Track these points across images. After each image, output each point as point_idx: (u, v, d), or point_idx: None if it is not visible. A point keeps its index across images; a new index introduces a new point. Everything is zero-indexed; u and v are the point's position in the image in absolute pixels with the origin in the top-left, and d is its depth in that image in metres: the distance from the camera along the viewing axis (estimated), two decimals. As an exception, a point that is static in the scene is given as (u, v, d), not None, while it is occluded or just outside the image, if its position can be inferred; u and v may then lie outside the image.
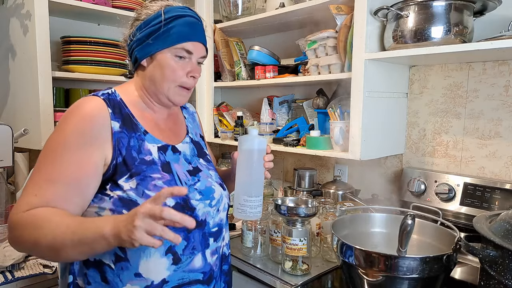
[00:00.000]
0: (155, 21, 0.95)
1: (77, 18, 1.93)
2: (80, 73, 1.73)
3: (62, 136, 0.88)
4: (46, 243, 0.80)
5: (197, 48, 0.99)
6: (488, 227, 0.93)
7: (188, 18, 0.98)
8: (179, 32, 0.95)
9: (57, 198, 0.85)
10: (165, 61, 0.96)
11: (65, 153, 0.86)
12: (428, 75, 1.53)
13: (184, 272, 0.94)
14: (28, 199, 0.84)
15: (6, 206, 1.61)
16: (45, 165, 0.87)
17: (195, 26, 0.98)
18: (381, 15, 1.34)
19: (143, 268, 0.90)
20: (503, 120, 1.35)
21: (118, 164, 0.90)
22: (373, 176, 1.73)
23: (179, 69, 0.97)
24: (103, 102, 0.92)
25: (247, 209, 0.97)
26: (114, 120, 0.92)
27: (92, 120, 0.89)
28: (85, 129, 0.88)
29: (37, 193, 0.84)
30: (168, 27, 0.95)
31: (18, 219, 0.83)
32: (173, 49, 0.96)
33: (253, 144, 0.97)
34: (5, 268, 1.26)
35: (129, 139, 0.93)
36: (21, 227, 0.83)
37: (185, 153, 1.04)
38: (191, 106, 1.23)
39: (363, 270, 1.01)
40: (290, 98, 1.94)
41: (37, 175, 0.87)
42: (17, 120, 1.71)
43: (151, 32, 0.96)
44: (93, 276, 0.90)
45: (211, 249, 1.00)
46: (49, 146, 0.89)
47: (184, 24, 0.96)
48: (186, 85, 0.99)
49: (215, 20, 2.03)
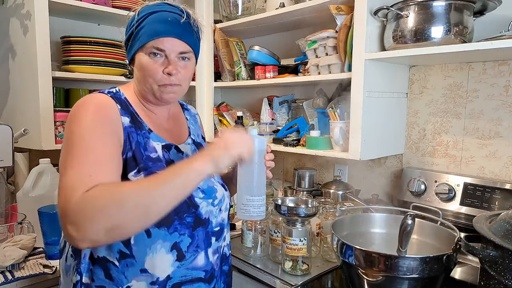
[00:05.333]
0: (132, 23, 0.96)
1: (77, 18, 1.93)
2: (80, 73, 1.73)
3: (84, 124, 0.86)
4: (134, 200, 0.77)
5: (170, 43, 0.93)
6: (488, 227, 0.93)
7: (161, 13, 0.94)
8: (148, 30, 0.93)
9: (109, 175, 0.83)
10: (141, 61, 0.95)
11: (93, 136, 0.85)
12: (428, 75, 1.53)
13: (187, 269, 0.95)
14: (84, 181, 0.79)
15: (6, 206, 1.61)
16: (81, 152, 0.83)
17: (168, 21, 0.94)
18: (381, 15, 1.34)
19: (149, 264, 0.90)
20: (503, 120, 1.35)
21: (128, 159, 0.90)
22: (373, 176, 1.73)
23: (154, 67, 0.94)
24: (111, 98, 0.94)
25: (251, 209, 0.97)
26: (124, 116, 0.93)
27: (106, 107, 0.91)
28: (103, 114, 0.89)
29: (91, 173, 0.81)
30: (140, 27, 0.94)
31: (85, 196, 0.77)
32: (145, 49, 0.94)
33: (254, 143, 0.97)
34: (5, 268, 1.26)
35: (137, 135, 0.94)
36: (94, 199, 0.77)
37: (187, 154, 1.04)
38: (193, 108, 1.24)
39: (363, 270, 1.01)
40: (290, 98, 1.94)
41: (78, 162, 0.82)
42: (17, 120, 1.71)
43: (130, 34, 0.97)
44: (97, 273, 0.91)
45: (213, 248, 1.01)
46: (73, 136, 0.86)
47: (154, 21, 0.94)
48: (165, 82, 0.95)
49: (215, 20, 2.03)
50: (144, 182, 0.84)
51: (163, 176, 0.82)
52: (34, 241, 1.37)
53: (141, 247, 0.89)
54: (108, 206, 0.76)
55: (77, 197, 0.77)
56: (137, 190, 0.79)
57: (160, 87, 0.96)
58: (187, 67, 0.98)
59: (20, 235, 1.37)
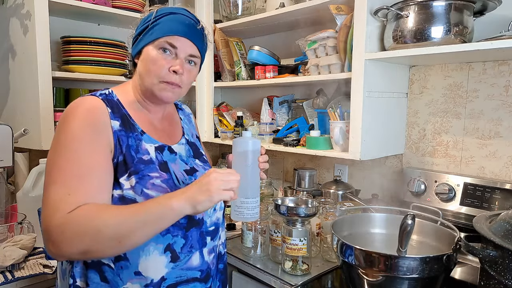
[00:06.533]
0: (147, 19, 0.97)
1: (77, 18, 1.93)
2: (80, 73, 1.73)
3: (70, 132, 0.87)
4: (110, 233, 0.80)
5: (183, 43, 0.95)
6: (488, 227, 0.93)
7: (179, 16, 0.97)
8: (164, 26, 0.95)
9: (91, 190, 0.84)
10: (148, 53, 0.95)
11: (80, 147, 0.86)
12: (428, 75, 1.53)
13: (182, 270, 0.95)
14: (65, 200, 0.82)
15: (6, 206, 1.61)
16: (65, 163, 0.85)
17: (185, 23, 0.96)
18: (381, 15, 1.34)
19: (142, 267, 0.90)
20: (503, 120, 1.35)
21: (119, 163, 0.90)
22: (373, 176, 1.73)
23: (161, 61, 0.94)
24: (102, 102, 0.93)
25: (244, 211, 0.97)
26: (114, 119, 0.93)
27: (96, 112, 0.91)
28: (91, 120, 0.89)
29: (70, 192, 0.82)
30: (157, 22, 0.95)
31: (66, 219, 0.80)
32: (157, 42, 0.95)
33: (247, 145, 0.97)
34: (5, 268, 1.26)
35: (128, 138, 0.93)
36: (73, 225, 0.80)
37: (181, 154, 1.04)
38: (187, 107, 1.24)
39: (363, 270, 1.01)
40: (290, 98, 1.94)
41: (60, 176, 0.84)
42: (17, 120, 1.71)
43: (142, 29, 0.97)
44: (93, 277, 0.90)
45: (208, 248, 1.01)
46: (59, 145, 0.87)
47: (172, 20, 0.96)
48: (168, 79, 0.95)
49: (215, 20, 2.03)
50: (123, 213, 0.83)
51: (142, 209, 0.83)
52: (34, 241, 1.37)
53: (135, 249, 0.89)
54: (85, 233, 0.80)
55: (58, 218, 0.80)
56: (115, 221, 0.81)
57: (161, 83, 0.96)
58: (191, 71, 1.00)
59: (20, 235, 1.37)
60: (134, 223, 0.81)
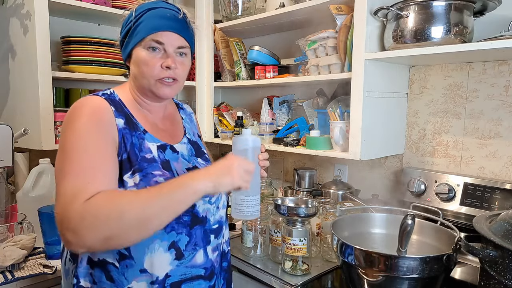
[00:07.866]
0: (129, 19, 0.97)
1: (77, 18, 1.93)
2: (80, 73, 1.73)
3: (77, 129, 0.87)
4: (134, 215, 0.78)
5: (169, 38, 0.95)
6: (488, 227, 0.93)
7: (159, 10, 0.96)
8: (147, 24, 0.95)
9: (106, 180, 0.84)
10: (139, 55, 0.96)
11: (89, 141, 0.86)
12: (428, 75, 1.53)
13: (186, 267, 0.96)
14: (83, 189, 0.80)
15: (6, 206, 1.61)
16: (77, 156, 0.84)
17: (167, 16, 0.96)
18: (381, 15, 1.34)
19: (148, 264, 0.91)
20: (503, 120, 1.35)
21: (124, 160, 0.91)
22: (373, 176, 1.73)
23: (152, 61, 0.95)
24: (106, 101, 0.94)
25: (245, 209, 0.97)
26: (118, 117, 0.94)
27: (101, 110, 0.92)
28: (97, 118, 0.90)
29: (88, 181, 0.81)
30: (138, 22, 0.95)
31: (85, 205, 0.78)
32: (143, 42, 0.95)
33: (247, 143, 0.97)
34: (5, 268, 1.26)
35: (132, 136, 0.94)
36: (94, 210, 0.77)
37: (183, 153, 1.05)
38: (189, 107, 1.24)
39: (363, 270, 1.01)
40: (290, 98, 1.94)
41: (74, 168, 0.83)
42: (17, 120, 1.71)
43: (126, 32, 0.98)
44: (99, 276, 0.91)
45: (212, 246, 1.02)
46: (68, 142, 0.87)
47: (153, 16, 0.96)
48: (163, 76, 0.96)
49: (215, 20, 2.03)
50: (144, 194, 0.83)
51: (163, 189, 0.83)
52: (34, 241, 1.37)
53: (139, 247, 0.89)
54: (109, 216, 0.77)
55: (78, 205, 0.78)
56: (138, 202, 0.80)
57: (157, 82, 0.96)
58: (184, 63, 1.00)
59: (20, 235, 1.37)
60: (157, 201, 0.80)
